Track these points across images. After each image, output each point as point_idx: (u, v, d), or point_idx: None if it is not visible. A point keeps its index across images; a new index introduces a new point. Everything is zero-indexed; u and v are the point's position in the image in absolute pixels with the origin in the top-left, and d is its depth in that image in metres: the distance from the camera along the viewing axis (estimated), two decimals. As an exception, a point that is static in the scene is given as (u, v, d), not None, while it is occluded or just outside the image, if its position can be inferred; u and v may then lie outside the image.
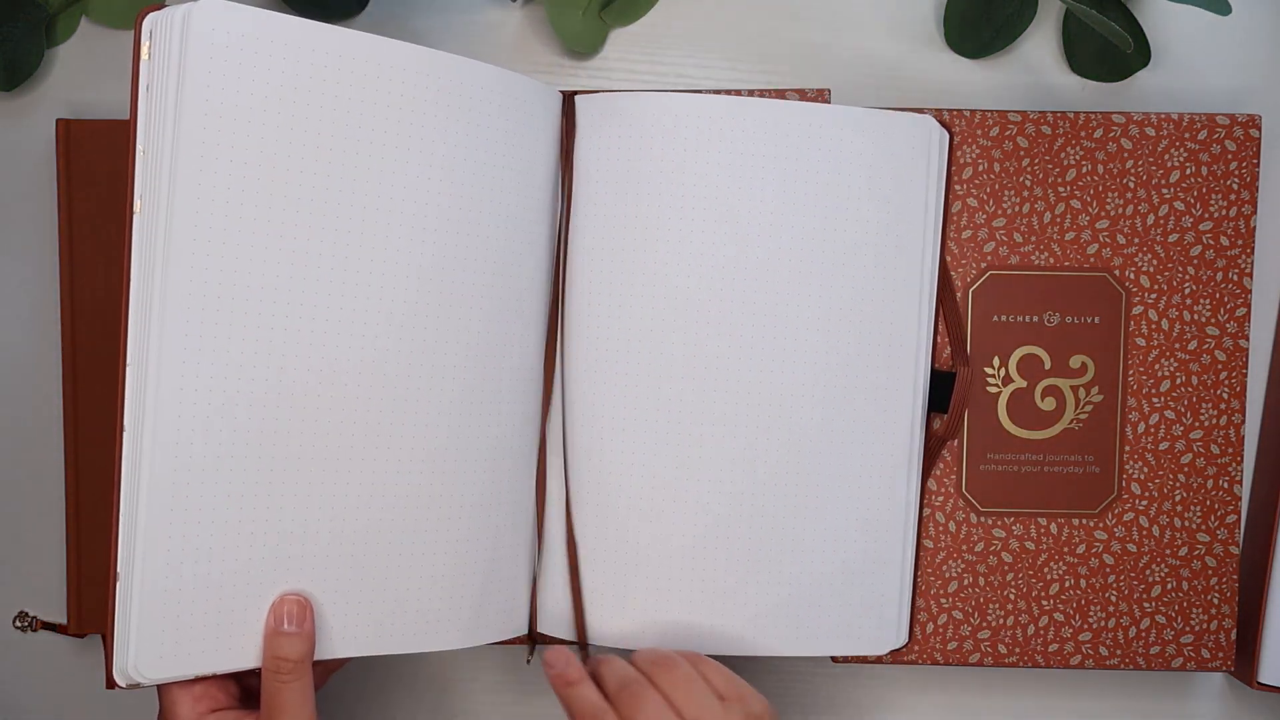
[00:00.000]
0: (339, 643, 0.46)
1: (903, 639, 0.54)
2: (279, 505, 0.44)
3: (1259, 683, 0.55)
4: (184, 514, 0.42)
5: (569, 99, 0.52)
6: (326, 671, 0.49)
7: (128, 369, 0.42)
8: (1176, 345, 0.55)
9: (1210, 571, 0.55)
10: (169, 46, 0.41)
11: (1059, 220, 0.55)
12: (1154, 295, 0.55)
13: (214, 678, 0.44)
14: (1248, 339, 0.55)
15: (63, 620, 0.57)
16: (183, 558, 0.42)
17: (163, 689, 0.44)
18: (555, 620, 0.52)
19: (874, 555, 0.53)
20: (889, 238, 0.53)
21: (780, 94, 0.54)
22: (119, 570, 0.42)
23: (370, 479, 0.46)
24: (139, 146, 0.42)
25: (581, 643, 0.52)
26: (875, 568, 0.53)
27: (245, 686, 0.46)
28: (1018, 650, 0.55)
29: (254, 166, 0.43)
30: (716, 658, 0.48)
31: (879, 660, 0.55)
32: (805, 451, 0.52)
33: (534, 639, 0.53)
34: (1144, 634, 0.55)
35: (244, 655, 0.44)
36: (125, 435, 0.42)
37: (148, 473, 0.42)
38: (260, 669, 0.44)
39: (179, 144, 0.41)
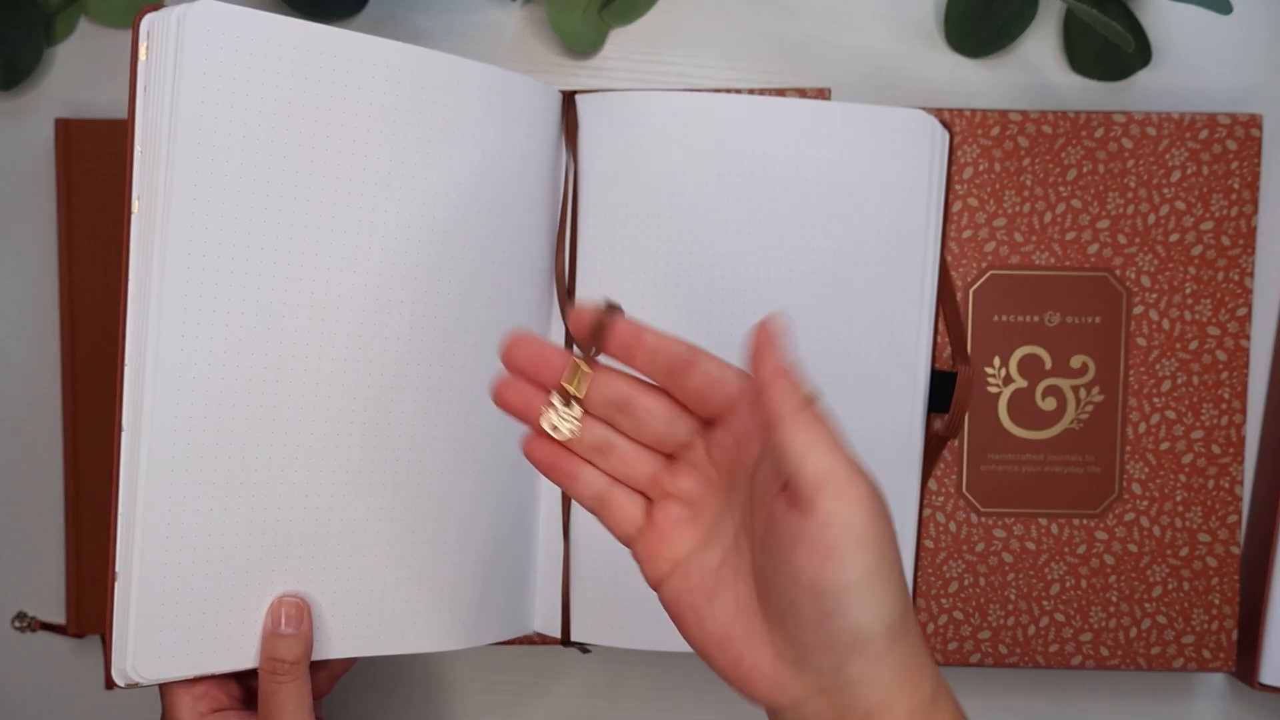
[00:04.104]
0: (337, 643, 0.46)
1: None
2: (277, 505, 0.44)
3: (1260, 683, 0.55)
4: (182, 513, 0.42)
5: (569, 98, 0.52)
6: (332, 677, 0.49)
7: (125, 368, 0.42)
8: (1177, 345, 0.55)
9: (1211, 572, 0.55)
10: (166, 46, 0.41)
11: (1059, 220, 0.55)
12: (1154, 295, 0.55)
13: (214, 678, 0.44)
14: (1248, 339, 0.55)
15: (63, 620, 0.57)
16: (181, 557, 0.42)
17: (164, 689, 0.44)
18: (577, 623, 0.52)
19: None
20: (889, 236, 0.53)
21: (780, 93, 0.54)
22: (117, 570, 0.42)
23: (369, 478, 0.46)
24: (136, 146, 0.42)
25: (565, 641, 0.52)
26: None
27: (247, 687, 0.46)
28: (1018, 650, 0.55)
29: (250, 166, 0.43)
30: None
31: (879, 661, 0.55)
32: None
33: (539, 639, 0.53)
34: (1145, 634, 0.55)
35: (242, 655, 0.44)
36: (123, 434, 0.42)
37: (145, 471, 0.42)
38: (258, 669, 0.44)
39: (175, 143, 0.41)
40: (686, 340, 0.37)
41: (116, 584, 0.42)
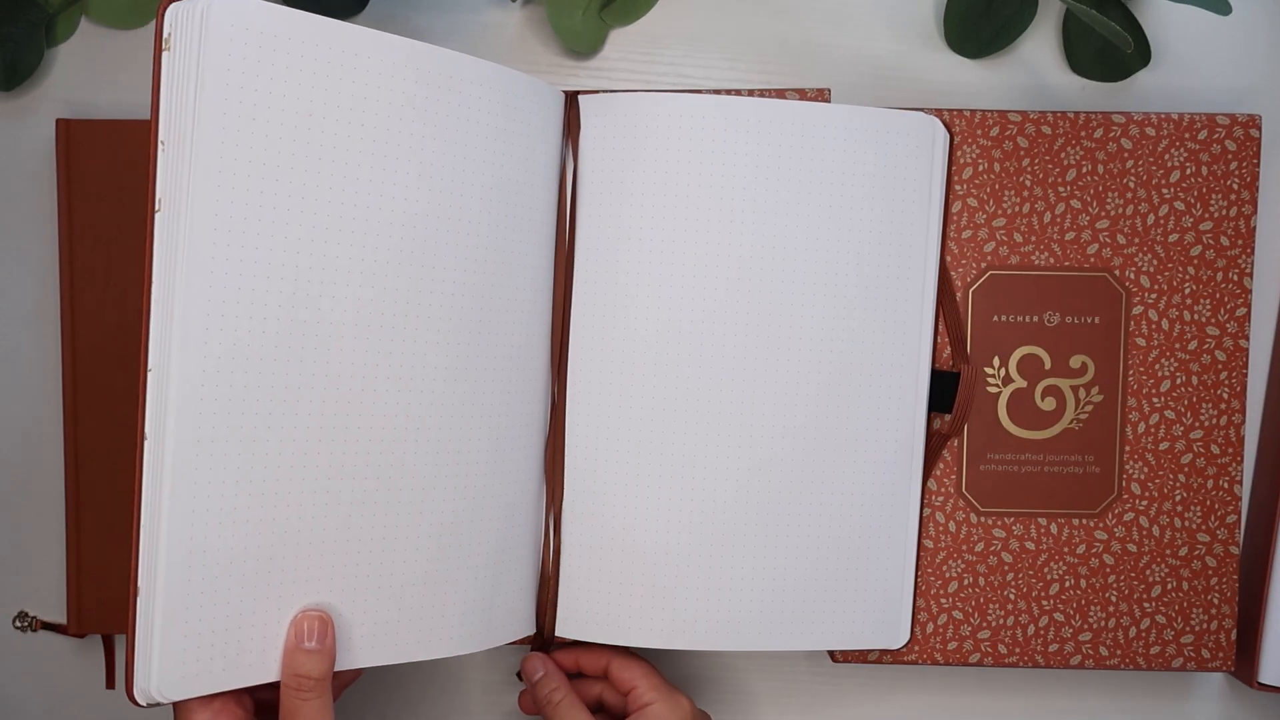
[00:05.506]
0: (357, 653, 0.45)
1: (904, 637, 0.54)
2: (299, 515, 0.44)
3: (1259, 683, 0.55)
4: (205, 525, 0.42)
5: (572, 98, 0.52)
6: (340, 686, 0.49)
7: (149, 374, 0.41)
8: (1176, 345, 0.55)
9: (1210, 571, 0.55)
10: (189, 38, 0.41)
11: (1059, 220, 0.55)
12: (1154, 295, 0.55)
13: (230, 692, 0.43)
14: (1248, 339, 0.55)
15: (63, 620, 0.57)
16: (204, 570, 0.42)
17: (179, 705, 0.43)
18: (569, 621, 0.52)
19: (876, 554, 0.53)
20: (891, 237, 0.53)
21: (780, 94, 0.54)
22: (139, 584, 0.41)
23: (382, 489, 0.46)
24: (161, 139, 0.41)
25: (549, 637, 0.52)
26: (877, 566, 0.53)
27: (259, 700, 0.46)
28: (1018, 650, 0.55)
29: (271, 161, 0.42)
30: (717, 652, 0.48)
31: (879, 660, 0.55)
32: (807, 451, 0.52)
33: (545, 640, 0.53)
34: (1144, 634, 0.55)
35: (265, 669, 0.43)
36: (146, 443, 0.42)
37: (170, 481, 0.41)
38: (279, 683, 0.43)
39: (199, 137, 0.41)
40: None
41: (138, 598, 0.41)
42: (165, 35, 0.41)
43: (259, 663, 0.43)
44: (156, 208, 0.41)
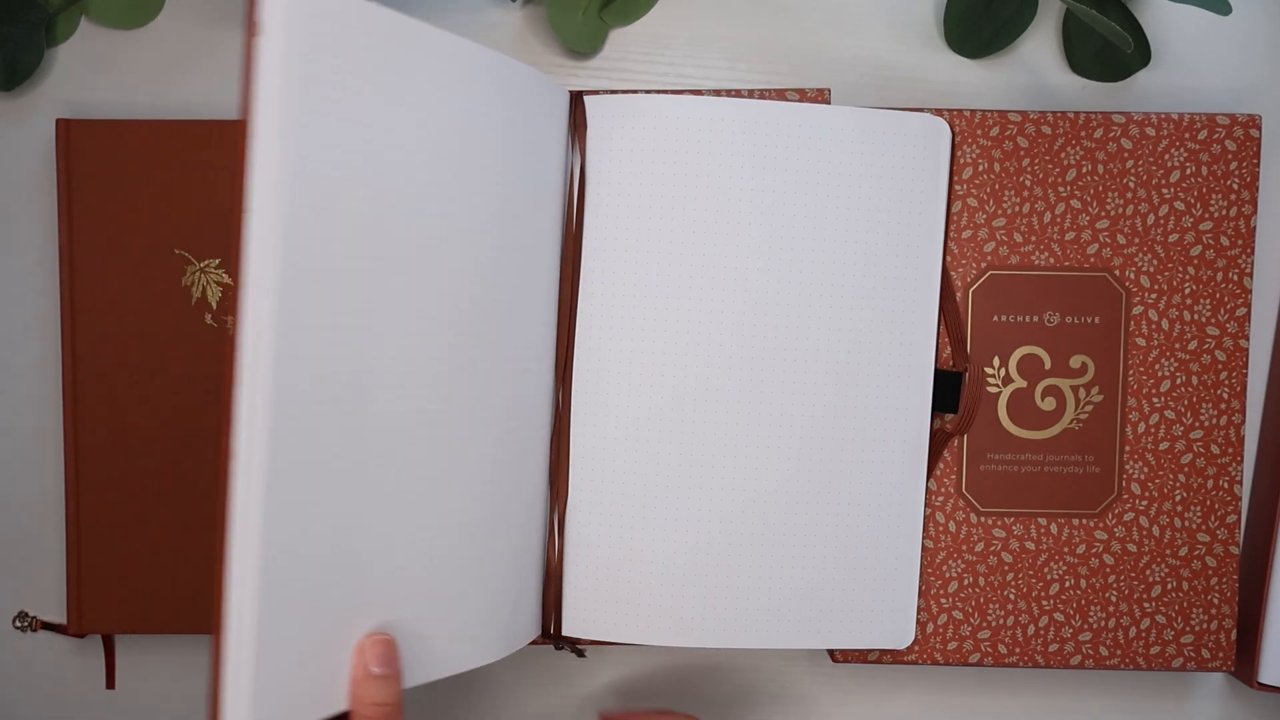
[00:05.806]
0: (413, 672, 0.45)
1: (909, 637, 0.54)
2: (358, 538, 0.43)
3: (1259, 683, 0.55)
4: (290, 556, 0.40)
5: (577, 98, 0.52)
6: None
7: (240, 390, 0.39)
8: (1176, 345, 0.55)
9: (1210, 571, 0.55)
10: (275, 25, 0.39)
11: (1059, 220, 0.55)
12: (1154, 295, 0.55)
13: None
14: (1248, 339, 0.55)
15: (63, 620, 0.57)
16: (292, 603, 0.40)
17: None
18: (574, 620, 0.52)
19: (884, 554, 0.53)
20: (897, 238, 0.53)
21: (780, 94, 0.54)
22: (227, 618, 0.39)
23: (411, 498, 0.45)
24: (255, 133, 0.39)
25: (556, 634, 0.52)
26: (885, 566, 0.53)
27: None
28: (1018, 650, 0.55)
29: (338, 159, 0.42)
30: (721, 650, 0.48)
31: (879, 660, 0.55)
32: (816, 451, 0.52)
33: (556, 640, 0.53)
34: (1144, 634, 0.55)
35: (335, 700, 0.42)
36: (237, 464, 0.39)
37: (263, 504, 0.39)
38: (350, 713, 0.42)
39: (284, 125, 0.39)
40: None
41: (229, 635, 0.39)
42: (259, 20, 0.39)
43: (329, 693, 0.42)
44: (250, 204, 0.39)
